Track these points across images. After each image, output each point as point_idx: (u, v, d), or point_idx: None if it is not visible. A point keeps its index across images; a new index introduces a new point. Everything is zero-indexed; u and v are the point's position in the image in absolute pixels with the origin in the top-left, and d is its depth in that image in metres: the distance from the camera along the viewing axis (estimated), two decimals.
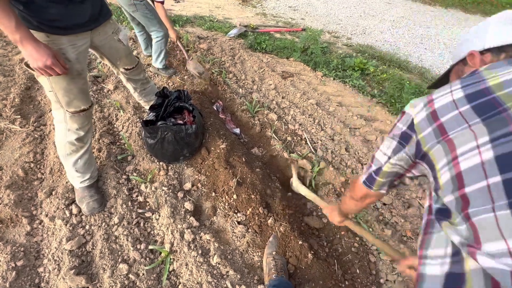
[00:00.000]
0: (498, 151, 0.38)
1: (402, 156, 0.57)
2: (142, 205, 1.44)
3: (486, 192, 0.38)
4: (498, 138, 0.39)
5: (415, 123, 0.53)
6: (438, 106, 0.49)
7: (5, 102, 1.95)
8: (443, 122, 0.47)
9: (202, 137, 1.70)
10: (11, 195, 1.36)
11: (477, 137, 0.41)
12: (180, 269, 1.17)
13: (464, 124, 0.43)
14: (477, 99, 0.44)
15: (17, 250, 1.17)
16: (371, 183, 0.67)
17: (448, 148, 0.45)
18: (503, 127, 0.39)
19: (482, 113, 0.42)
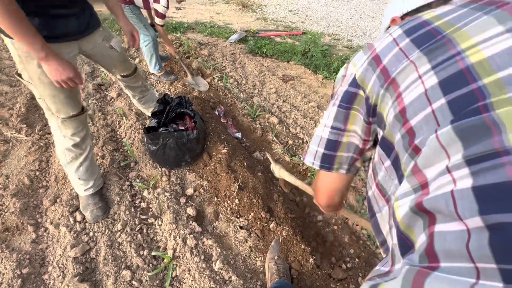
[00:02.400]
0: (441, 76, 0.35)
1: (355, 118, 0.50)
2: (145, 211, 1.45)
3: (432, 118, 0.35)
4: (440, 63, 0.36)
5: (358, 77, 0.47)
6: (379, 49, 0.45)
7: (12, 112, 2.00)
8: (385, 64, 0.43)
9: (203, 142, 1.71)
10: (17, 203, 1.38)
11: (418, 67, 0.38)
12: (183, 275, 1.17)
13: (404, 59, 0.40)
14: (416, 31, 0.41)
15: (23, 258, 1.19)
16: (330, 163, 0.55)
17: (392, 88, 0.41)
18: (444, 52, 0.36)
19: (422, 44, 0.39)
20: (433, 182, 0.32)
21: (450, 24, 0.38)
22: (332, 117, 0.52)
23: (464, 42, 0.35)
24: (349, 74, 0.50)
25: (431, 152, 0.33)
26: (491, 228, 0.25)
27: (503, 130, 0.27)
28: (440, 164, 0.32)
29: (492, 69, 0.31)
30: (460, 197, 0.28)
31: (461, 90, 0.33)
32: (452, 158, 0.30)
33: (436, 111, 0.34)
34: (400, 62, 0.41)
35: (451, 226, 0.28)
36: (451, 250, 0.27)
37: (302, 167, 1.79)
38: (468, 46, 0.35)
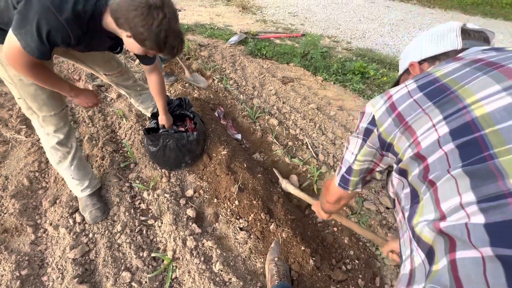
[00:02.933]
0: (451, 126, 0.42)
1: (369, 151, 0.60)
2: (145, 212, 1.44)
3: (445, 159, 0.42)
4: (450, 115, 0.43)
5: (376, 118, 0.56)
6: (396, 98, 0.54)
7: (11, 113, 1.99)
8: (400, 111, 0.51)
9: (203, 143, 1.71)
10: (16, 204, 1.38)
11: (432, 118, 0.46)
12: (183, 277, 1.17)
13: (418, 109, 0.48)
14: (428, 87, 0.50)
15: (22, 259, 1.18)
16: (346, 184, 0.70)
17: (409, 133, 0.49)
18: (453, 106, 0.44)
19: (433, 98, 0.47)
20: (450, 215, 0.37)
21: (456, 81, 0.46)
22: (358, 148, 0.63)
23: (468, 97, 0.43)
24: (368, 112, 0.60)
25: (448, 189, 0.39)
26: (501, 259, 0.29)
27: (506, 176, 0.34)
28: (453, 200, 0.38)
29: (492, 122, 0.39)
30: (473, 229, 0.33)
31: (468, 137, 0.40)
32: (462, 195, 0.37)
33: (448, 153, 0.42)
34: (415, 111, 0.49)
35: (469, 253, 0.33)
36: (471, 276, 0.32)
37: (301, 168, 1.79)
38: (472, 101, 0.42)
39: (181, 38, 1.02)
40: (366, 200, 1.58)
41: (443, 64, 0.54)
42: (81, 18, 0.90)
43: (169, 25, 0.93)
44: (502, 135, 0.37)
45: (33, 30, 0.85)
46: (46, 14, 0.84)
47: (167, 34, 0.94)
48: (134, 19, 0.89)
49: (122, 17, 0.91)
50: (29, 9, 0.84)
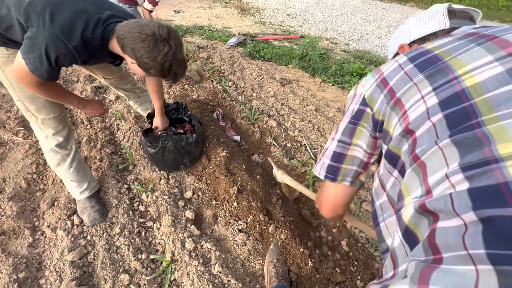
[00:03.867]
0: (440, 96, 0.41)
1: (364, 133, 0.54)
2: (143, 214, 1.44)
3: (433, 130, 0.40)
4: (440, 86, 0.42)
5: (367, 97, 0.53)
6: (386, 73, 0.51)
7: (9, 114, 1.99)
8: (392, 86, 0.49)
9: (202, 145, 1.71)
10: (14, 207, 1.37)
11: (420, 89, 0.44)
12: (182, 279, 1.17)
13: (409, 82, 0.46)
14: (418, 58, 0.48)
15: (19, 262, 1.18)
16: (335, 174, 0.61)
17: (398, 107, 0.47)
18: (444, 76, 0.42)
19: (423, 69, 0.46)
20: (435, 188, 0.36)
21: (448, 52, 0.45)
22: (341, 131, 0.58)
23: (460, 68, 0.41)
24: (358, 93, 0.56)
25: (435, 162, 0.37)
26: (484, 221, 0.29)
27: (492, 142, 0.32)
28: (440, 172, 0.36)
29: (482, 91, 0.38)
30: (456, 197, 0.32)
31: (457, 107, 0.39)
32: (450, 166, 0.35)
33: (436, 124, 0.40)
34: (405, 83, 0.47)
35: (451, 222, 0.32)
36: (449, 242, 0.31)
37: (300, 169, 1.79)
38: (463, 72, 0.41)
39: (184, 66, 1.03)
40: (364, 201, 1.59)
41: (435, 41, 0.52)
42: (89, 44, 0.93)
43: (174, 56, 0.95)
44: (492, 103, 0.36)
45: (42, 55, 0.87)
46: (55, 42, 0.87)
47: (171, 63, 0.97)
48: (140, 50, 0.91)
49: (128, 46, 0.93)
50: (38, 36, 0.86)
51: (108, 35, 0.96)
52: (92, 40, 0.93)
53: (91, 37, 0.92)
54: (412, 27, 0.66)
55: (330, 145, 0.60)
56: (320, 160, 0.63)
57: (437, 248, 0.32)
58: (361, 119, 0.54)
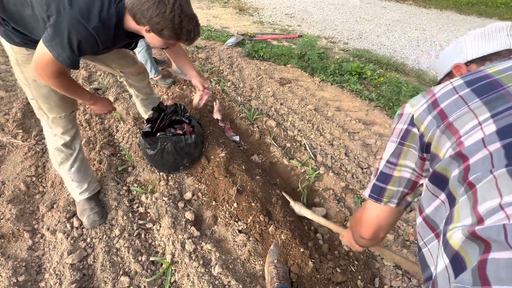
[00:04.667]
0: (499, 124, 0.38)
1: (410, 153, 0.52)
2: (143, 216, 1.44)
3: (488, 159, 0.38)
4: (500, 113, 0.39)
5: (415, 118, 0.50)
6: (439, 95, 0.48)
7: (8, 117, 1.98)
8: (443, 108, 0.46)
9: (201, 146, 1.71)
10: (13, 210, 1.37)
11: (477, 115, 0.41)
12: (182, 280, 1.17)
13: (463, 106, 0.43)
14: (477, 83, 0.44)
15: (19, 265, 1.17)
16: (380, 194, 0.58)
17: (450, 132, 0.44)
18: (504, 103, 0.39)
19: (482, 94, 0.42)
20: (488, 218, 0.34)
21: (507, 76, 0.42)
22: (389, 152, 0.56)
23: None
24: (406, 113, 0.53)
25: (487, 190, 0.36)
26: None
27: None
28: (492, 201, 0.34)
29: None
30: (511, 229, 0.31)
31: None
32: (504, 197, 0.34)
33: (493, 153, 0.38)
34: (459, 108, 0.44)
35: (504, 254, 0.30)
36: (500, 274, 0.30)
37: (300, 170, 1.79)
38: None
39: (196, 21, 1.02)
40: (365, 200, 1.59)
41: (496, 63, 0.48)
42: (107, 24, 0.95)
43: (181, 9, 0.94)
44: None
45: (65, 41, 0.90)
46: (76, 26, 0.89)
47: (182, 19, 0.95)
48: (148, 10, 0.92)
49: (137, 12, 0.94)
50: (60, 22, 0.89)
51: (121, 12, 0.98)
52: (109, 20, 0.95)
53: (108, 17, 0.94)
54: (469, 45, 0.61)
55: (379, 165, 0.59)
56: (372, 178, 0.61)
57: (487, 279, 0.30)
58: (407, 139, 0.52)
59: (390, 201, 0.57)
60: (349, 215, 1.51)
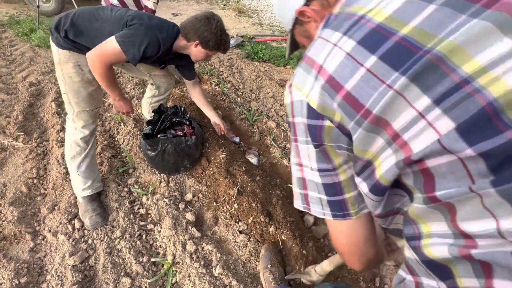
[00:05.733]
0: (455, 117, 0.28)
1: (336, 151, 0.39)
2: (144, 217, 1.44)
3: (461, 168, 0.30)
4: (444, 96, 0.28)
5: (316, 107, 0.37)
6: (332, 70, 0.35)
7: (9, 120, 1.99)
8: (350, 91, 0.33)
9: (202, 147, 1.72)
10: (15, 212, 1.37)
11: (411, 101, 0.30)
12: (183, 281, 1.17)
13: (381, 86, 0.31)
14: (379, 44, 0.32)
15: (21, 267, 1.18)
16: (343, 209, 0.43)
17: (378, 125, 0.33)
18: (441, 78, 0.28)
19: (399, 63, 0.30)
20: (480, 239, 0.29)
21: (422, 31, 0.30)
22: (314, 159, 0.41)
23: (465, 64, 0.27)
24: (297, 101, 0.40)
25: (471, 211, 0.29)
26: None
27: None
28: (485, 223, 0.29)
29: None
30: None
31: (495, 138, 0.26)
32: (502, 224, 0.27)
33: (465, 161, 0.28)
34: (377, 90, 0.32)
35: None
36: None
37: None
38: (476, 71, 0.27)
39: (228, 35, 1.38)
40: None
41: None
42: (169, 39, 1.25)
43: (221, 26, 1.31)
44: None
45: (137, 42, 1.13)
46: (151, 33, 1.16)
47: (222, 33, 1.31)
48: (200, 28, 1.27)
49: (191, 30, 1.28)
50: (139, 29, 1.14)
51: (177, 33, 1.30)
52: (170, 36, 1.26)
53: (171, 33, 1.27)
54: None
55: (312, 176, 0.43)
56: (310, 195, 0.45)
57: None
58: (322, 137, 0.38)
59: (360, 208, 0.43)
60: None
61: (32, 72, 2.71)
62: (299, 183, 0.46)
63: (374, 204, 0.40)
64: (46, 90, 2.43)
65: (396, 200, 0.39)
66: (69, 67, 1.25)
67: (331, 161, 0.40)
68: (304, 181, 0.45)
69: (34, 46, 3.36)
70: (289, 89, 0.42)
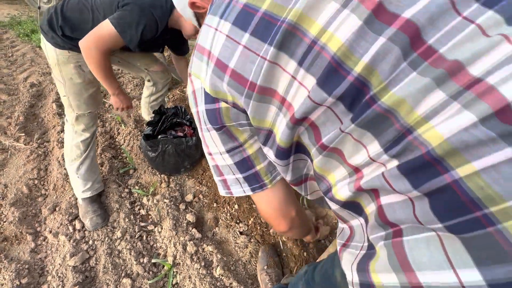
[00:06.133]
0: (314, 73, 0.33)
1: (239, 129, 0.43)
2: (145, 218, 1.45)
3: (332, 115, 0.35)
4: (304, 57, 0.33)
5: (210, 91, 0.40)
6: (218, 53, 0.38)
7: (10, 121, 2.00)
8: (234, 69, 0.37)
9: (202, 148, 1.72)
10: (16, 212, 1.37)
11: (283, 67, 0.34)
12: (184, 282, 1.17)
13: (256, 59, 0.35)
14: (249, 22, 0.36)
15: (22, 268, 1.18)
16: (258, 181, 0.47)
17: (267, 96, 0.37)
18: (299, 43, 0.33)
19: (266, 37, 0.35)
20: (364, 168, 0.34)
21: (277, 4, 0.34)
22: (219, 142, 0.44)
23: (311, 27, 0.32)
24: (198, 89, 0.42)
25: (350, 147, 0.34)
26: (428, 195, 0.28)
27: (397, 114, 0.29)
28: (361, 154, 0.33)
29: (356, 57, 0.30)
30: (390, 177, 0.31)
31: (341, 83, 0.32)
32: (369, 148, 0.32)
33: (332, 107, 0.33)
34: (255, 63, 0.36)
35: (395, 198, 0.31)
36: (401, 219, 0.31)
37: None
38: (318, 32, 0.32)
39: None
40: None
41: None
42: (165, 15, 1.12)
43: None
44: (376, 69, 0.30)
45: (133, 22, 1.04)
46: (146, 12, 1.06)
47: None
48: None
49: None
50: (133, 9, 1.04)
51: (171, 8, 1.15)
52: (166, 12, 1.13)
53: (166, 9, 1.13)
54: None
55: (223, 161, 0.47)
56: (228, 179, 0.49)
57: (392, 223, 0.32)
58: (222, 119, 0.41)
59: (274, 177, 0.48)
60: None
61: (33, 73, 2.71)
62: (215, 171, 0.50)
63: (283, 169, 0.44)
64: (47, 91, 2.43)
65: (301, 165, 0.44)
66: (69, 68, 1.20)
67: (236, 139, 0.44)
68: (218, 168, 0.49)
69: (35, 47, 3.37)
70: (189, 78, 0.44)
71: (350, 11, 0.31)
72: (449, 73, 0.27)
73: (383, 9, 0.29)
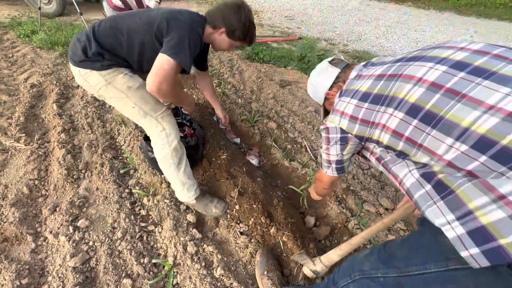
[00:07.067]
0: (404, 110, 0.66)
1: (352, 146, 0.84)
2: (145, 218, 1.44)
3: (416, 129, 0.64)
4: (398, 106, 0.67)
5: (345, 128, 0.81)
6: (350, 112, 0.78)
7: (10, 121, 2.00)
8: (362, 117, 0.76)
9: (202, 148, 1.72)
10: (16, 213, 1.37)
11: (388, 111, 0.69)
12: (184, 282, 1.17)
13: (373, 112, 0.73)
14: (367, 98, 0.74)
15: (22, 268, 1.18)
16: (342, 171, 0.96)
17: (377, 126, 0.74)
18: (395, 101, 0.68)
19: (378, 102, 0.71)
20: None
21: (383, 89, 0.71)
22: (339, 150, 0.88)
23: (401, 93, 0.67)
24: (331, 127, 0.85)
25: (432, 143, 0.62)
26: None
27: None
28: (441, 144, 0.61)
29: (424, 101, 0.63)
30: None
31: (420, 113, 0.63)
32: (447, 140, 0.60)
33: (417, 125, 0.64)
34: (372, 114, 0.73)
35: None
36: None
37: (301, 171, 1.79)
38: (406, 93, 0.66)
39: (255, 28, 1.31)
40: (366, 202, 1.59)
41: (351, 83, 0.82)
42: (202, 29, 1.18)
43: (250, 16, 1.24)
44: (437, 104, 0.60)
45: (186, 46, 1.06)
46: (191, 30, 1.09)
47: (250, 24, 1.24)
48: (229, 15, 1.19)
49: (218, 17, 1.20)
50: (180, 32, 1.06)
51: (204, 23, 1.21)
52: (203, 25, 1.19)
53: (203, 23, 1.19)
54: (320, 80, 0.98)
55: (331, 157, 0.92)
56: (329, 166, 0.96)
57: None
58: (348, 140, 0.83)
59: (345, 170, 0.97)
60: (350, 216, 1.52)
61: (33, 74, 2.72)
62: (327, 162, 0.96)
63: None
64: (48, 92, 2.44)
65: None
66: (119, 79, 1.16)
67: (343, 152, 0.89)
68: (328, 157, 0.93)
69: (35, 47, 3.38)
70: (325, 123, 0.88)
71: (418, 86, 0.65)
72: None
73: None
